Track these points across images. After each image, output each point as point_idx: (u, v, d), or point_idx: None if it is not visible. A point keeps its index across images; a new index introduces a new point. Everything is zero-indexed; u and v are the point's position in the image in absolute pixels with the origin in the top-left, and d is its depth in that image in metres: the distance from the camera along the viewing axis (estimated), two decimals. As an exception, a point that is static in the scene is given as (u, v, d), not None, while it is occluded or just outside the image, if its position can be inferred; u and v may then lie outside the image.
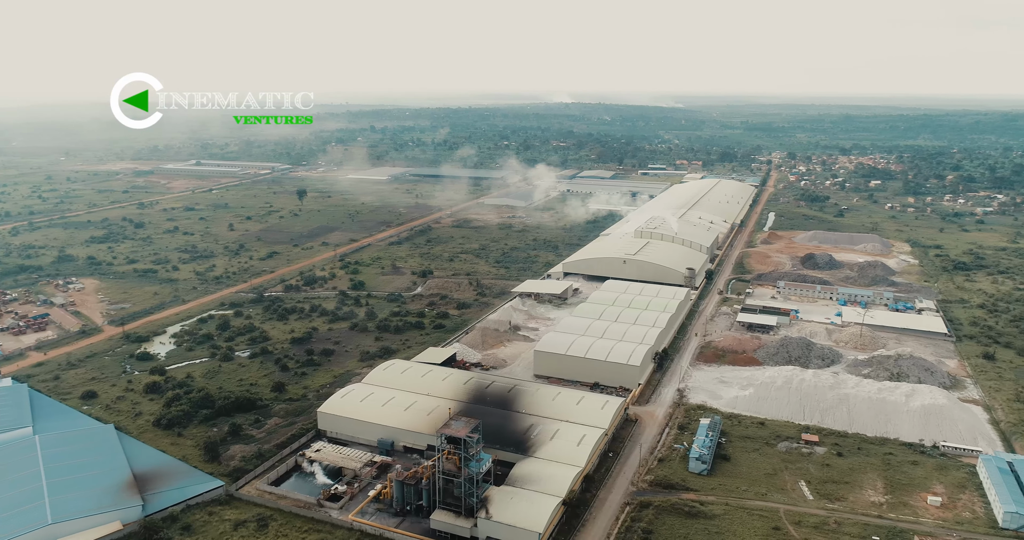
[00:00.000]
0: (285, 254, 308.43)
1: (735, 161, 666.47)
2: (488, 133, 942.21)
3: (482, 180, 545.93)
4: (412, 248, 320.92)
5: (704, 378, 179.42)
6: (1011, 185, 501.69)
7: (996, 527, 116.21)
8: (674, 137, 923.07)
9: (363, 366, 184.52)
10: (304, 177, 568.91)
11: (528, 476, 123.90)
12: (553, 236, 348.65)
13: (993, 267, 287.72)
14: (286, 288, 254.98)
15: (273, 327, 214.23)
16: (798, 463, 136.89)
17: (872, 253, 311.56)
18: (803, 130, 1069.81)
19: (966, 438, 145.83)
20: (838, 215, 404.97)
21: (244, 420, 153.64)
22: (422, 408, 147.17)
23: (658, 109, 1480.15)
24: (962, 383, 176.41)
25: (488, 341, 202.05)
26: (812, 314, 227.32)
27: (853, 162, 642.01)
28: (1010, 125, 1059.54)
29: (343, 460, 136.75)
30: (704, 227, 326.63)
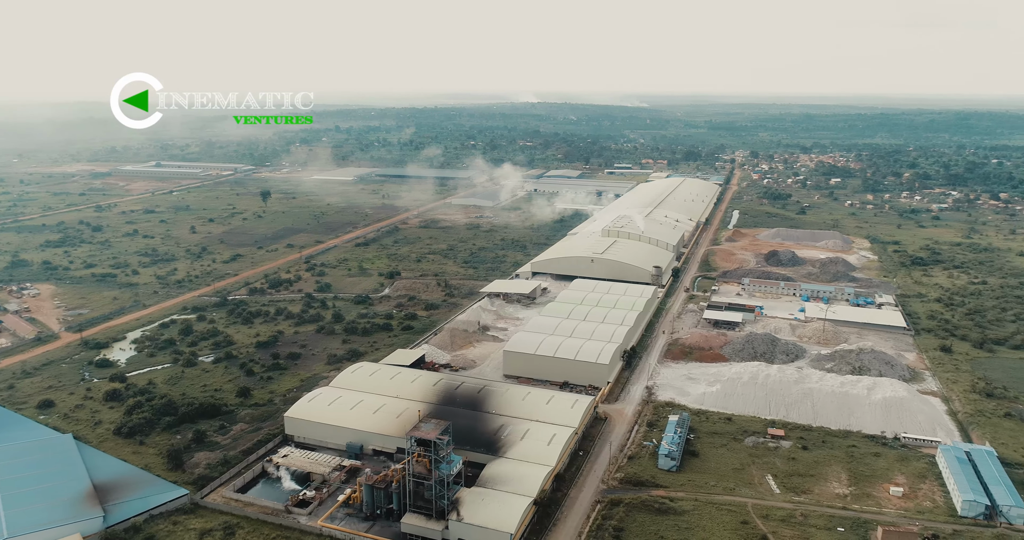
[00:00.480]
0: (249, 257, 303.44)
1: (700, 160, 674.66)
2: (454, 133, 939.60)
3: (449, 180, 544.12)
4: (379, 249, 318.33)
5: (672, 375, 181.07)
6: (964, 182, 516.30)
7: (955, 515, 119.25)
8: (639, 136, 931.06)
9: (330, 369, 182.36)
10: (268, 178, 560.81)
11: (499, 477, 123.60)
12: (521, 236, 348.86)
13: (948, 262, 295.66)
14: (250, 291, 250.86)
15: (237, 331, 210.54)
16: (765, 457, 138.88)
17: (833, 250, 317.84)
18: (765, 129, 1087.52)
19: (925, 429, 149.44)
20: (800, 213, 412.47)
21: (208, 427, 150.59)
22: (391, 411, 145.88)
23: (623, 109, 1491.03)
24: (921, 375, 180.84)
25: (457, 342, 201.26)
26: (776, 310, 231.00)
27: (814, 160, 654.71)
28: (962, 124, 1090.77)
29: (311, 465, 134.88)
30: (670, 225, 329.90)
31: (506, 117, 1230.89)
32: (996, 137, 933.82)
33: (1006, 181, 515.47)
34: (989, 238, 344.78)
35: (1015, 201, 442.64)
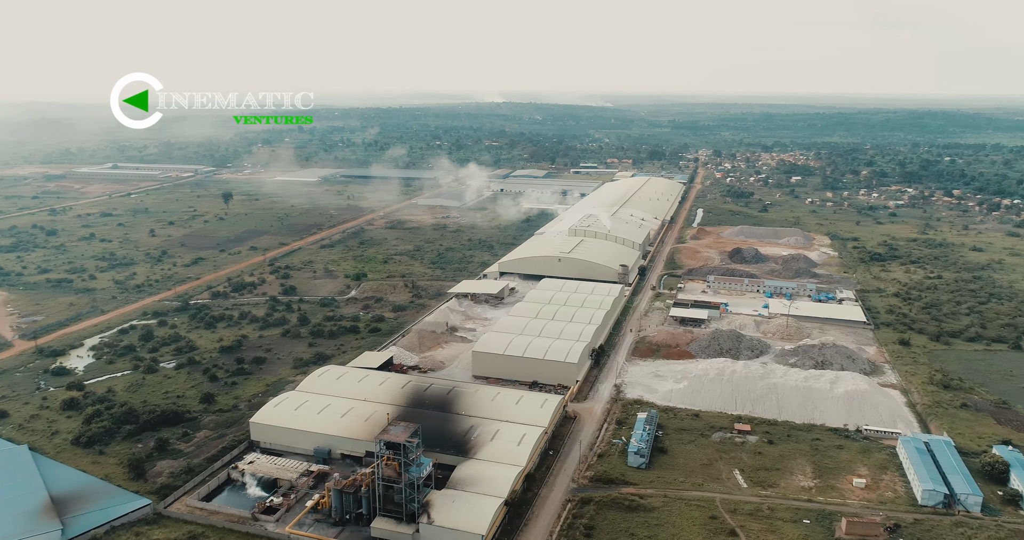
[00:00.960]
0: (211, 260, 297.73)
1: (664, 159, 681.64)
2: (420, 133, 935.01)
3: (414, 180, 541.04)
4: (345, 251, 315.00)
5: (640, 373, 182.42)
6: (920, 179, 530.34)
7: (916, 504, 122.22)
8: (604, 136, 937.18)
9: (297, 373, 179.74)
10: (229, 180, 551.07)
11: (469, 478, 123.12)
12: (488, 236, 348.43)
13: (906, 257, 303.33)
14: (213, 295, 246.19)
15: (200, 336, 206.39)
16: (732, 452, 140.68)
17: (795, 246, 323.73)
18: (727, 128, 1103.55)
19: (886, 421, 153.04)
20: (762, 210, 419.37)
21: (171, 434, 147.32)
22: (359, 414, 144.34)
23: (588, 108, 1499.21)
24: (881, 369, 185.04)
25: (425, 343, 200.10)
26: (741, 307, 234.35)
27: (775, 159, 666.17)
28: (917, 123, 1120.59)
29: (278, 471, 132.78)
30: (636, 224, 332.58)
31: (472, 117, 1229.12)
32: (948, 135, 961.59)
33: (958, 178, 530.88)
34: (943, 234, 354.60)
35: (967, 198, 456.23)
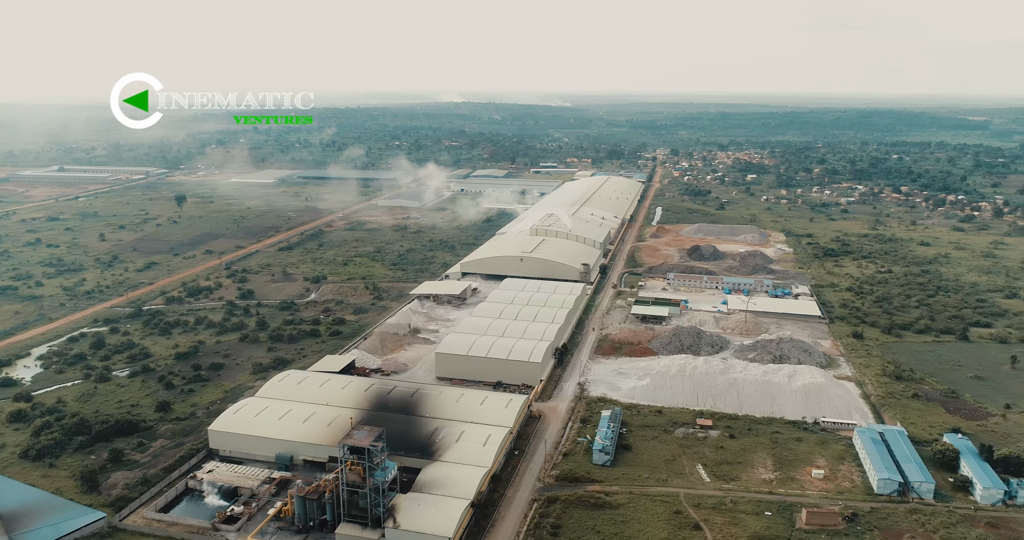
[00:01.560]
0: (165, 264, 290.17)
1: (622, 158, 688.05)
2: (378, 133, 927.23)
3: (373, 181, 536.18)
4: (303, 253, 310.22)
5: (603, 371, 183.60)
6: (869, 176, 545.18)
7: (872, 493, 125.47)
8: (564, 135, 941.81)
9: (256, 379, 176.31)
10: (182, 182, 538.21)
11: (435, 481, 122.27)
12: (449, 236, 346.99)
13: (857, 253, 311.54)
14: (167, 300, 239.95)
15: (155, 343, 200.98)
16: (695, 447, 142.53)
17: (751, 243, 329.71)
18: (684, 127, 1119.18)
19: (842, 413, 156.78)
20: (719, 208, 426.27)
21: (126, 444, 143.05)
22: (322, 419, 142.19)
23: (547, 108, 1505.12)
24: (836, 362, 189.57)
25: (388, 346, 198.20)
26: (700, 303, 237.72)
27: (731, 157, 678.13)
28: (865, 121, 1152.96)
29: (239, 479, 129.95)
30: (596, 223, 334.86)
31: (431, 117, 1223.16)
32: (895, 134, 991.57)
33: (906, 175, 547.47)
34: (893, 229, 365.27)
35: (914, 194, 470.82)
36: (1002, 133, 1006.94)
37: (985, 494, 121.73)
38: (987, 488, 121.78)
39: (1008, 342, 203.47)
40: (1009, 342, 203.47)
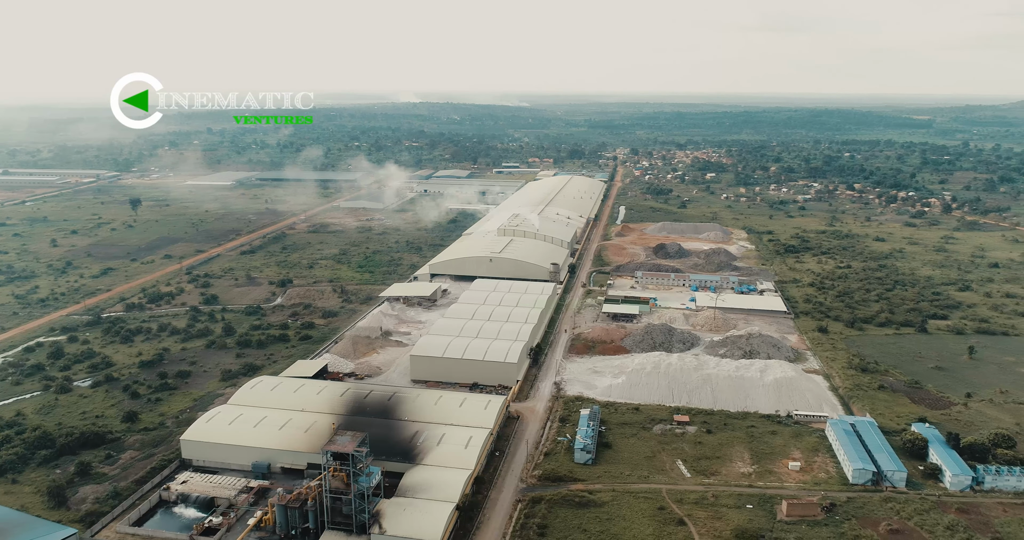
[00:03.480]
0: (122, 270, 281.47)
1: (584, 158, 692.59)
2: (336, 134, 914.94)
3: (333, 183, 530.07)
4: (267, 257, 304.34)
5: (578, 370, 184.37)
6: (824, 174, 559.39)
7: (847, 483, 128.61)
8: (524, 135, 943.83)
9: (226, 386, 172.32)
10: (135, 185, 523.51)
11: (419, 485, 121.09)
12: (415, 237, 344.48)
13: (817, 249, 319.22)
14: (127, 307, 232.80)
15: (116, 351, 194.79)
16: (673, 443, 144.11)
17: (715, 241, 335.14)
18: (641, 127, 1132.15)
19: (813, 406, 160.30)
20: (681, 206, 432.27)
21: (93, 457, 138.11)
22: (298, 425, 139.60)
23: (504, 108, 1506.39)
24: (803, 356, 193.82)
25: (360, 349, 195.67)
26: (669, 301, 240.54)
27: (689, 156, 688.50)
28: (816, 121, 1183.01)
29: (215, 489, 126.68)
30: (563, 223, 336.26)
31: (389, 117, 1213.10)
32: (845, 132, 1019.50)
33: (858, 173, 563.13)
34: (849, 225, 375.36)
35: (867, 191, 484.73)
36: (945, 131, 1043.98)
37: (954, 481, 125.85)
38: (956, 475, 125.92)
39: (964, 333, 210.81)
40: (965, 333, 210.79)
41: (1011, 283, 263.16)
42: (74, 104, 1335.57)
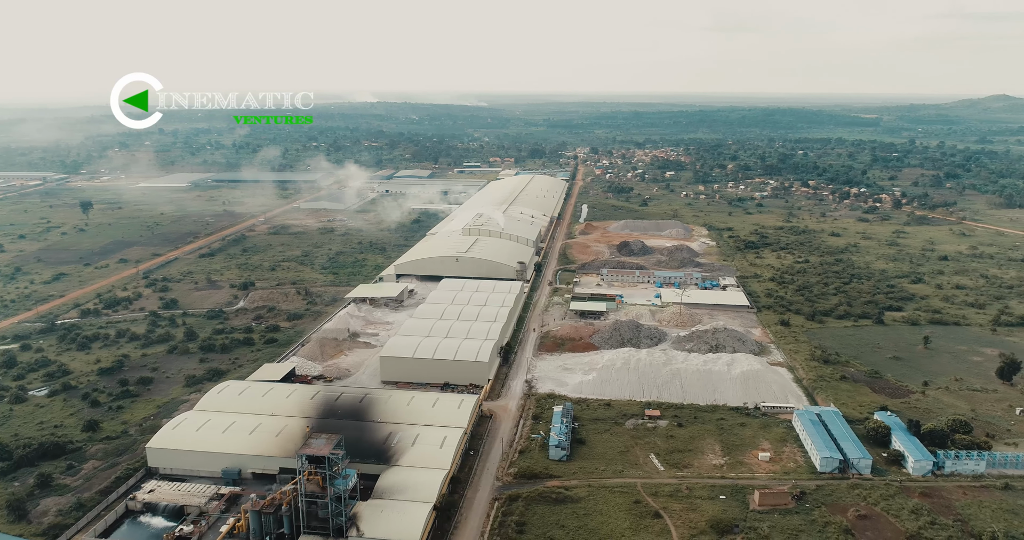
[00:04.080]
0: (75, 275, 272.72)
1: (544, 157, 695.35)
2: (293, 134, 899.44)
3: (292, 183, 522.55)
4: (227, 259, 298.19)
5: (548, 367, 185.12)
6: (779, 172, 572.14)
7: (815, 472, 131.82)
8: (484, 135, 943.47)
9: (191, 392, 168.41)
10: (84, 187, 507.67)
11: (395, 486, 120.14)
12: (379, 238, 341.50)
13: (776, 244, 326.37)
14: (83, 313, 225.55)
15: (73, 358, 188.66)
16: (646, 438, 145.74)
17: (677, 238, 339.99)
18: (600, 126, 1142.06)
19: (779, 397, 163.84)
20: (642, 204, 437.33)
21: (53, 468, 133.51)
22: (269, 430, 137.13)
23: (463, 108, 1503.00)
24: (767, 349, 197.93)
25: (327, 351, 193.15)
26: (634, 297, 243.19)
27: (649, 155, 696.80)
28: (769, 119, 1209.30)
29: (184, 497, 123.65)
30: (527, 221, 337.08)
31: (346, 117, 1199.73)
32: (797, 131, 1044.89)
33: (812, 170, 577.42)
34: (805, 221, 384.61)
35: (821, 187, 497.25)
36: (892, 129, 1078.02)
37: (916, 466, 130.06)
38: (918, 461, 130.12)
39: (919, 324, 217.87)
40: (920, 324, 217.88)
41: (960, 275, 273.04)
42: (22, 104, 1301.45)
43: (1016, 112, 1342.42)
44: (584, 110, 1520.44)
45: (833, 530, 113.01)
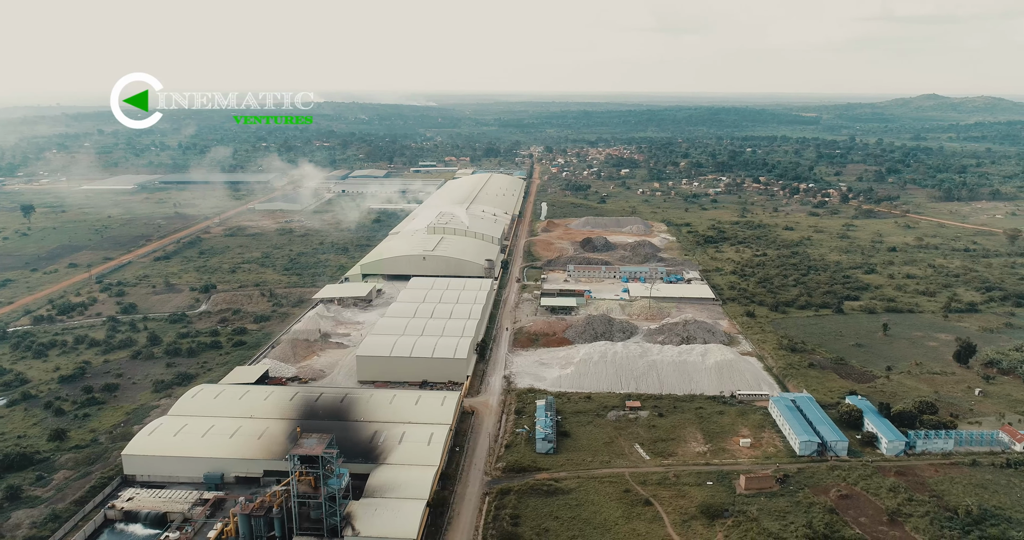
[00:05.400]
0: (22, 281, 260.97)
1: (500, 156, 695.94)
2: (241, 134, 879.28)
3: (245, 184, 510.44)
4: (184, 262, 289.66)
5: (524, 363, 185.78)
6: (730, 168, 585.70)
7: (795, 455, 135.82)
8: (436, 134, 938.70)
9: (160, 397, 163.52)
10: (22, 190, 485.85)
11: (386, 484, 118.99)
12: (339, 238, 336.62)
13: (733, 239, 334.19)
14: (35, 320, 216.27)
15: (30, 366, 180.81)
16: (629, 429, 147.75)
17: (638, 234, 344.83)
18: (551, 125, 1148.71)
19: (753, 385, 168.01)
20: (601, 202, 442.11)
21: (21, 480, 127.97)
22: (250, 432, 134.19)
23: (413, 108, 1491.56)
24: (736, 339, 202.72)
25: (299, 353, 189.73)
26: (602, 292, 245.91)
27: (603, 153, 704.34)
28: (715, 118, 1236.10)
29: (166, 504, 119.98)
30: (490, 220, 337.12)
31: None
32: (742, 129, 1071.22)
33: (761, 166, 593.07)
34: (759, 216, 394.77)
35: (771, 183, 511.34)
36: (831, 127, 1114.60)
37: (890, 446, 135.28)
38: (891, 441, 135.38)
39: (875, 312, 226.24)
40: (876, 312, 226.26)
41: (909, 265, 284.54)
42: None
43: (945, 111, 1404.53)
44: (533, 109, 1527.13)
45: (818, 510, 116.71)
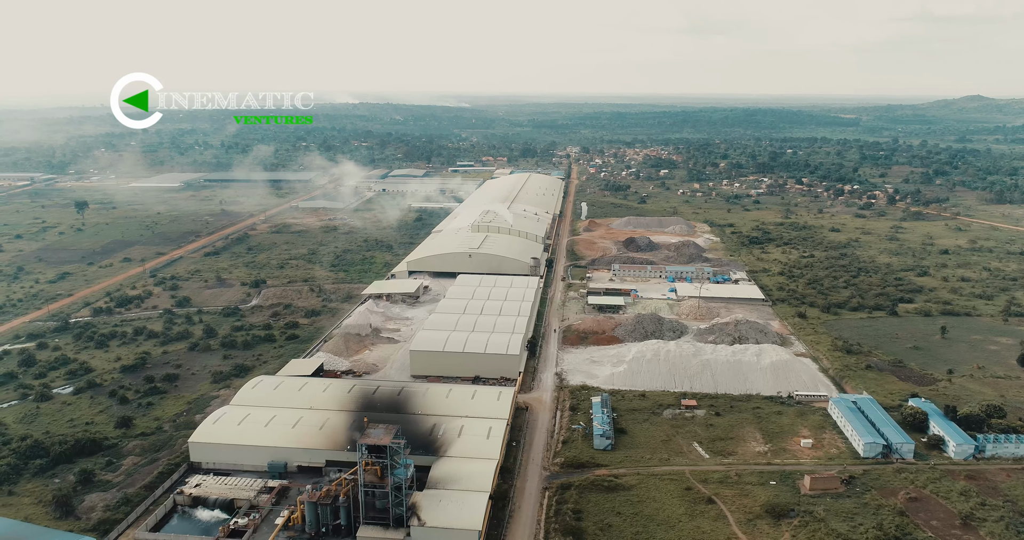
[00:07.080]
0: (80, 274, 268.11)
1: (536, 156, 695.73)
2: (279, 134, 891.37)
3: (287, 183, 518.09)
4: (233, 258, 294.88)
5: (575, 360, 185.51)
6: (771, 169, 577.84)
7: (859, 457, 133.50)
8: (471, 135, 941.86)
9: (219, 388, 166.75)
10: (74, 187, 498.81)
11: (448, 476, 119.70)
12: (383, 236, 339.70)
13: (779, 240, 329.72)
14: (95, 311, 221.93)
15: (93, 356, 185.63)
16: (686, 427, 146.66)
17: (681, 234, 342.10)
18: (585, 126, 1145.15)
19: (809, 386, 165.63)
20: (641, 202, 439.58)
21: (93, 465, 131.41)
22: (311, 423, 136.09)
23: (446, 108, 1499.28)
24: (788, 340, 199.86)
25: (352, 347, 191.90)
26: (649, 292, 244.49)
27: (640, 154, 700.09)
28: (751, 119, 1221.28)
29: (233, 491, 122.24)
30: (533, 218, 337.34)
31: (330, 118, 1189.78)
32: (780, 130, 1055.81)
33: (804, 168, 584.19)
34: (803, 217, 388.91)
35: (815, 184, 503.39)
36: (872, 129, 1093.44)
37: (958, 450, 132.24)
38: (959, 445, 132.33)
39: (931, 315, 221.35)
40: (932, 315, 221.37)
41: (963, 268, 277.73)
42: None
43: (990, 112, 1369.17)
44: (566, 111, 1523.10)
45: (887, 512, 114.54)
